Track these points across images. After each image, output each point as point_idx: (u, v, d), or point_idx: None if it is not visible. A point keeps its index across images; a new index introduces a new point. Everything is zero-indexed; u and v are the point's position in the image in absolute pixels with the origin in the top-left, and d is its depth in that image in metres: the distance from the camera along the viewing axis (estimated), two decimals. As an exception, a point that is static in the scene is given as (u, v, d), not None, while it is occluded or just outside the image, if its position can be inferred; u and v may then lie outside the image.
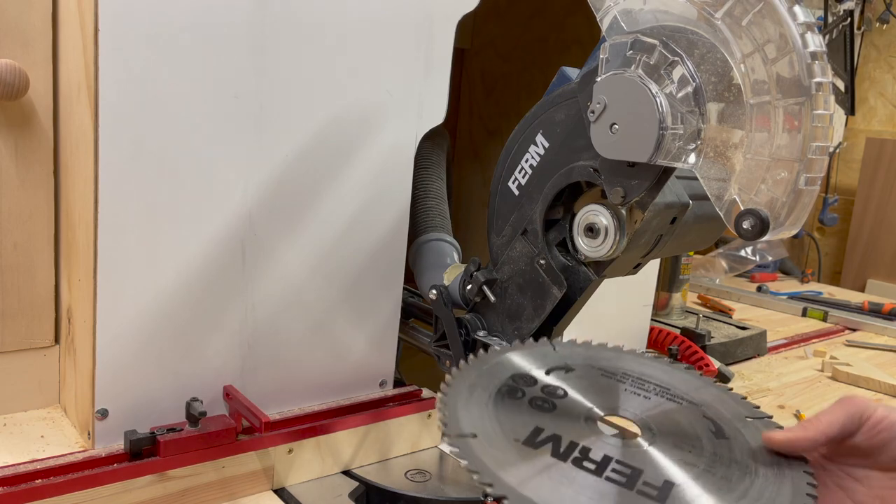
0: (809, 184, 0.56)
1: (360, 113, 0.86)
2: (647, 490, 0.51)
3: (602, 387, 0.63)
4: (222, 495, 0.78)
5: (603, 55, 0.64)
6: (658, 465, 0.54)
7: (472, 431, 0.55)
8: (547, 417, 0.58)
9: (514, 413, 0.59)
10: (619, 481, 0.52)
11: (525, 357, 0.66)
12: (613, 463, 0.54)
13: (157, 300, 0.76)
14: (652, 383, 0.65)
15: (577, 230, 0.72)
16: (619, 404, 0.61)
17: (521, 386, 0.62)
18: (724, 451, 0.56)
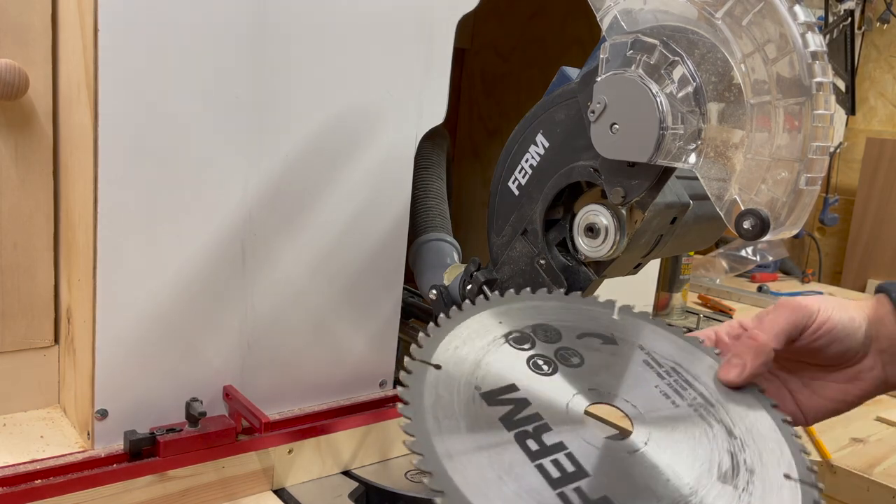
0: (810, 184, 0.56)
1: (360, 113, 0.85)
2: (572, 498, 0.46)
3: (625, 367, 0.58)
4: (222, 495, 0.78)
5: (603, 55, 0.64)
6: (623, 474, 0.49)
7: (438, 363, 0.51)
8: (535, 380, 0.54)
9: (504, 361, 0.54)
10: (549, 476, 0.47)
11: (564, 310, 0.62)
12: (561, 454, 0.49)
13: (156, 300, 0.76)
14: (684, 380, 0.58)
15: (577, 230, 0.72)
16: (630, 393, 0.55)
17: (538, 338, 0.58)
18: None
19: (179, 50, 0.72)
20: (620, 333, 0.61)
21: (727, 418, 0.54)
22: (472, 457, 0.47)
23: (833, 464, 1.02)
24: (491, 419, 0.50)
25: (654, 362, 0.59)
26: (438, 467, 0.45)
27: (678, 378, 0.57)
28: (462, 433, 0.48)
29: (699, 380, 0.57)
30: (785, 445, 0.53)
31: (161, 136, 0.73)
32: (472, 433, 0.48)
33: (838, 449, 1.06)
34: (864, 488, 0.99)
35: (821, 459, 1.03)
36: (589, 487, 0.47)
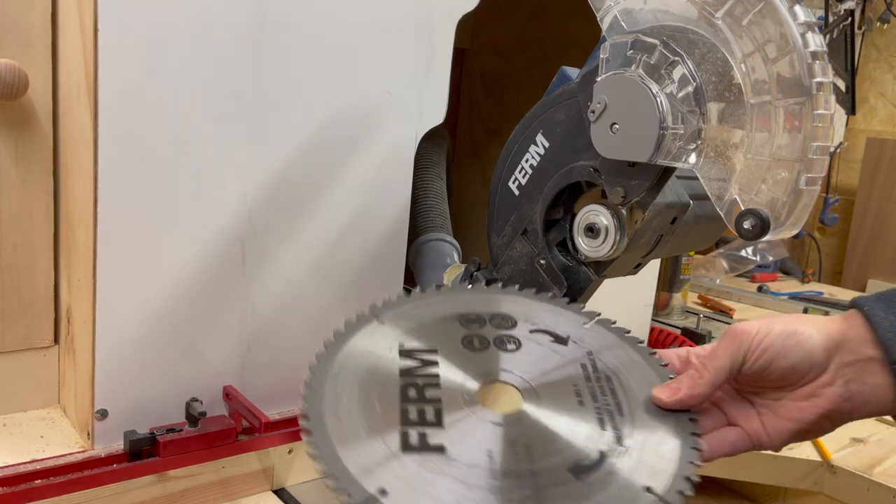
0: (810, 184, 0.56)
1: (360, 113, 0.85)
2: (413, 440, 0.49)
3: (555, 363, 0.59)
4: (222, 496, 0.78)
5: (603, 55, 0.64)
6: (471, 432, 0.51)
7: (384, 319, 0.57)
8: (458, 351, 0.57)
9: (442, 331, 0.58)
10: (407, 417, 0.51)
11: (539, 308, 0.63)
12: (430, 406, 0.52)
13: (156, 300, 0.76)
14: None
15: (577, 230, 0.72)
16: (499, 366, 0.57)
17: (490, 323, 0.60)
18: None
19: (179, 50, 0.72)
20: (578, 338, 0.61)
21: (626, 429, 0.53)
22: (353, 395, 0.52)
23: (833, 464, 1.02)
24: (392, 366, 0.55)
25: (591, 367, 0.58)
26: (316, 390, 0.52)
27: (606, 385, 0.57)
28: (360, 371, 0.54)
29: (629, 392, 0.56)
30: (674, 467, 0.51)
31: (161, 136, 0.73)
32: (369, 374, 0.54)
33: (838, 449, 1.06)
34: (864, 488, 0.99)
35: (821, 460, 1.03)
36: (433, 435, 0.50)
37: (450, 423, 0.51)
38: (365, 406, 0.52)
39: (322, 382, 0.53)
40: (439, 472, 0.48)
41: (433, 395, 0.53)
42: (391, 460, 0.48)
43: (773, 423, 0.55)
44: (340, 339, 0.57)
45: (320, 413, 0.51)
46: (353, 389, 0.53)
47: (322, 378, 0.54)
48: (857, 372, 0.51)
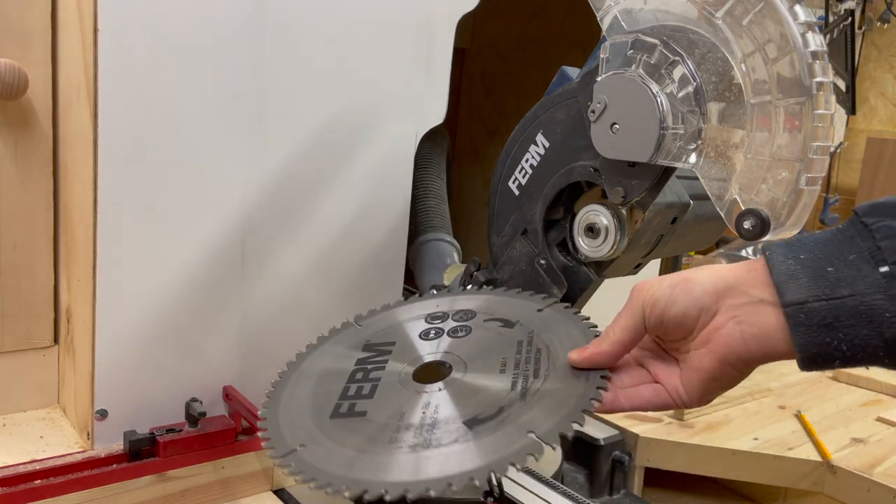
0: (810, 184, 0.56)
1: (360, 113, 0.85)
2: (343, 409, 0.58)
3: (495, 342, 0.63)
4: (222, 496, 0.78)
5: (603, 55, 0.64)
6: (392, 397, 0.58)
7: (361, 323, 0.68)
8: (414, 341, 0.65)
9: (407, 329, 0.66)
10: (346, 392, 0.60)
11: (501, 302, 0.68)
12: (368, 384, 0.60)
13: (156, 300, 0.76)
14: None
15: (577, 230, 0.72)
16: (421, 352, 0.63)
17: (452, 318, 0.66)
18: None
19: (179, 50, 0.72)
20: (527, 321, 0.65)
21: (535, 387, 0.57)
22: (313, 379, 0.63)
23: (833, 464, 1.02)
24: (354, 358, 0.64)
25: (527, 343, 0.62)
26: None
27: (533, 356, 0.60)
28: (322, 360, 0.65)
29: (554, 361, 0.59)
30: (564, 413, 0.54)
31: (161, 136, 0.73)
32: (335, 359, 0.65)
33: (838, 449, 1.06)
34: (864, 488, 0.99)
35: (821, 460, 1.03)
36: (361, 405, 0.58)
37: (379, 395, 0.59)
38: (317, 387, 0.62)
39: (291, 372, 0.64)
40: (353, 430, 0.56)
41: (376, 375, 0.61)
42: (320, 424, 0.57)
43: (686, 376, 0.55)
44: (320, 341, 0.68)
45: (279, 393, 0.62)
46: (312, 377, 0.63)
47: (292, 370, 0.65)
48: (747, 313, 0.50)
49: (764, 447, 1.06)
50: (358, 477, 0.51)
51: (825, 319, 0.46)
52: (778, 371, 1.40)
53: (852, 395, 1.31)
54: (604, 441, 1.03)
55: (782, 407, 1.22)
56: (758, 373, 1.43)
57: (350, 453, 0.53)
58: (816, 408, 1.22)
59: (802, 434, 1.12)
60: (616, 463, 1.02)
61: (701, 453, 1.05)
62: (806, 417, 1.16)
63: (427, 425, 0.55)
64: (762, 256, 0.50)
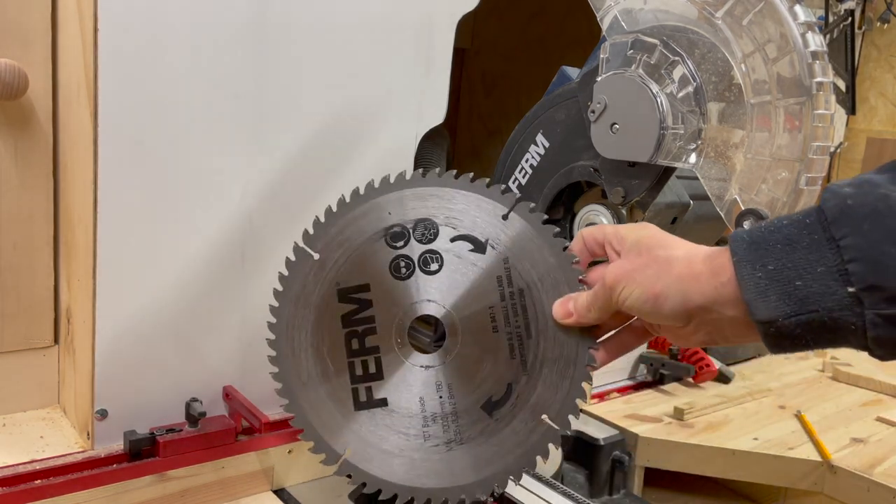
0: (810, 184, 0.56)
1: (360, 113, 0.85)
2: (362, 396, 0.60)
3: (474, 282, 0.62)
4: (222, 496, 0.78)
5: (603, 55, 0.64)
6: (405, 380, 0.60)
7: (317, 252, 0.63)
8: (389, 282, 0.62)
9: (371, 259, 0.63)
10: (353, 373, 0.61)
11: (462, 200, 0.64)
12: (371, 357, 0.61)
13: (156, 300, 0.76)
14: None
15: (577, 230, 0.72)
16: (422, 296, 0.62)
17: (414, 236, 0.63)
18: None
19: (179, 50, 0.72)
20: (496, 240, 0.62)
21: (531, 354, 0.58)
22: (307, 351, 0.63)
23: (833, 464, 1.02)
24: (335, 315, 0.62)
25: (506, 280, 0.61)
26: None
27: (518, 302, 0.60)
28: (309, 325, 0.63)
29: (538, 306, 0.59)
30: (566, 390, 0.57)
31: (161, 136, 0.73)
32: (316, 327, 0.63)
33: (839, 449, 1.06)
34: (864, 488, 0.99)
35: (821, 460, 1.03)
36: (377, 389, 0.60)
37: (388, 373, 0.60)
38: (319, 361, 0.62)
39: (282, 340, 0.63)
40: (384, 425, 0.59)
41: (372, 343, 0.61)
42: (349, 420, 0.59)
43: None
44: (287, 287, 0.64)
45: (289, 380, 0.62)
46: (308, 348, 0.62)
47: (281, 336, 0.63)
48: (718, 328, 0.52)
49: (764, 447, 1.06)
50: (417, 483, 0.57)
51: (795, 331, 0.47)
52: (778, 371, 1.40)
53: (852, 395, 1.31)
54: (604, 441, 1.03)
55: (782, 407, 1.22)
56: (758, 373, 1.43)
57: (398, 460, 0.58)
58: (816, 408, 1.22)
59: (802, 434, 1.12)
60: (616, 463, 1.02)
61: (701, 453, 1.05)
62: (806, 417, 1.16)
63: (450, 415, 0.58)
64: (730, 265, 0.49)
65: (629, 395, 1.21)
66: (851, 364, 1.41)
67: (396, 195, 0.64)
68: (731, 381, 1.28)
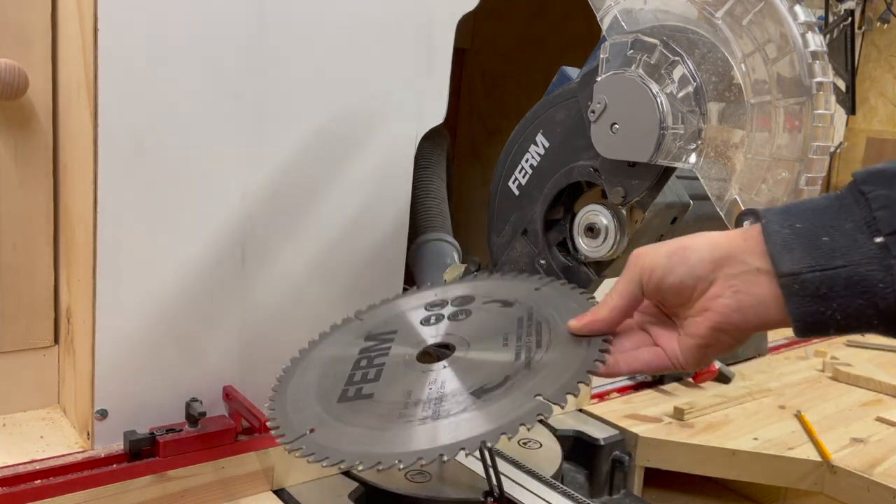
0: (810, 184, 0.56)
1: (360, 113, 0.85)
2: (351, 394, 0.60)
3: (495, 321, 0.64)
4: (222, 496, 0.78)
5: (603, 55, 0.64)
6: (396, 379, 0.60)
7: (362, 317, 0.71)
8: (416, 328, 0.66)
9: (407, 318, 0.68)
10: (351, 378, 0.61)
11: (500, 286, 0.69)
12: (373, 369, 0.61)
13: (156, 300, 0.76)
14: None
15: (577, 230, 0.72)
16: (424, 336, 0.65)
17: (451, 304, 0.68)
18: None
19: (179, 50, 0.72)
20: (524, 299, 0.66)
21: (539, 356, 0.58)
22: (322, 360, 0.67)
23: (833, 464, 1.02)
24: (356, 348, 0.66)
25: (527, 318, 0.63)
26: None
27: (535, 329, 0.61)
28: (326, 352, 0.68)
29: (556, 333, 0.60)
30: (570, 376, 0.55)
31: (161, 135, 0.73)
32: (339, 349, 0.67)
33: (838, 449, 1.06)
34: (864, 488, 0.99)
35: (821, 460, 1.03)
36: (367, 388, 0.60)
37: (385, 378, 0.61)
38: (322, 376, 0.63)
39: (296, 366, 0.66)
40: (361, 411, 0.57)
41: (380, 361, 0.63)
42: (329, 409, 0.59)
43: (683, 341, 0.55)
44: (322, 336, 0.71)
45: (286, 384, 0.64)
46: (317, 368, 0.65)
47: (297, 363, 0.67)
48: (744, 283, 0.50)
49: (764, 447, 1.06)
50: (370, 451, 0.52)
51: (819, 290, 0.46)
52: (778, 371, 1.40)
53: (852, 395, 1.31)
54: (604, 441, 1.03)
55: (782, 407, 1.21)
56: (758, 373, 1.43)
57: (361, 431, 0.55)
58: (816, 408, 1.22)
59: (802, 434, 1.11)
60: (616, 463, 1.02)
61: (701, 453, 1.05)
62: (806, 417, 1.16)
63: (434, 399, 0.56)
64: (758, 223, 0.50)
65: (629, 395, 1.21)
66: (851, 364, 1.41)
67: (445, 287, 0.72)
68: (731, 381, 1.28)
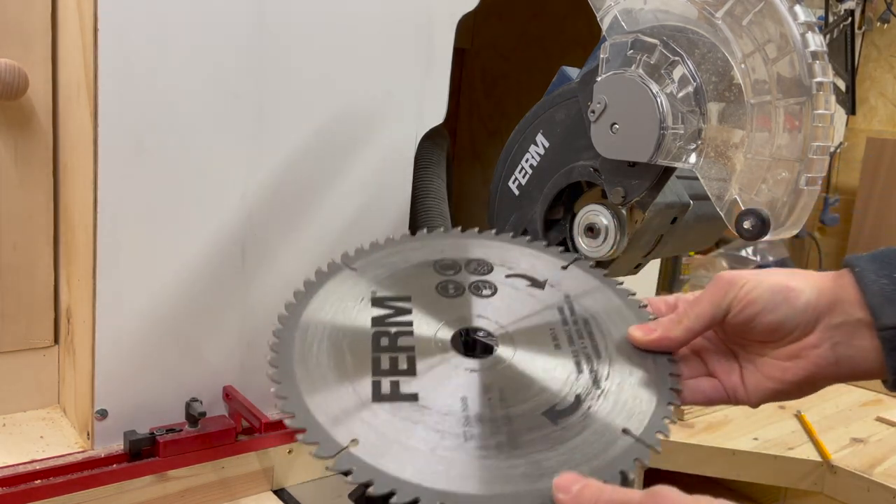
0: (810, 184, 0.56)
1: (360, 113, 0.85)
2: (384, 388, 0.48)
3: (531, 307, 0.57)
4: (222, 496, 0.78)
5: (603, 55, 0.64)
6: (441, 379, 0.50)
7: (356, 266, 0.57)
8: (433, 298, 0.56)
9: (416, 279, 0.57)
10: (378, 367, 0.49)
11: (518, 252, 0.62)
12: (403, 354, 0.51)
13: (156, 300, 0.76)
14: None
15: (577, 230, 0.72)
16: (473, 312, 0.55)
17: (466, 269, 0.59)
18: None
19: (179, 50, 0.72)
20: (556, 281, 0.59)
21: (605, 370, 0.51)
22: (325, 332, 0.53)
23: (833, 464, 1.02)
24: (365, 315, 0.54)
25: (568, 309, 0.56)
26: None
27: (583, 329, 0.55)
28: (327, 316, 0.54)
29: (607, 336, 0.54)
30: (652, 408, 0.49)
31: (161, 136, 0.73)
32: (342, 314, 0.54)
33: (839, 449, 1.06)
34: (864, 488, 0.99)
35: (821, 460, 1.03)
36: (405, 384, 0.49)
37: (423, 371, 0.50)
38: (335, 355, 0.51)
39: (291, 332, 0.53)
40: (411, 419, 0.46)
41: (406, 343, 0.52)
42: (361, 409, 0.47)
43: (754, 380, 0.53)
44: (311, 288, 0.56)
45: (289, 362, 0.50)
46: (324, 340, 0.52)
47: (291, 328, 0.53)
48: (845, 335, 0.48)
49: (764, 447, 1.06)
50: (446, 489, 0.42)
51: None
52: (778, 371, 1.40)
53: (852, 395, 1.31)
54: (604, 441, 1.02)
55: (782, 407, 1.22)
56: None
57: (421, 454, 0.44)
58: (816, 408, 1.22)
59: (802, 434, 1.12)
60: (616, 463, 1.02)
61: (701, 453, 1.05)
62: (806, 417, 1.16)
63: (502, 418, 0.47)
64: (849, 272, 0.48)
65: (629, 395, 1.20)
66: (851, 364, 1.41)
67: (451, 240, 0.62)
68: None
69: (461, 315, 0.55)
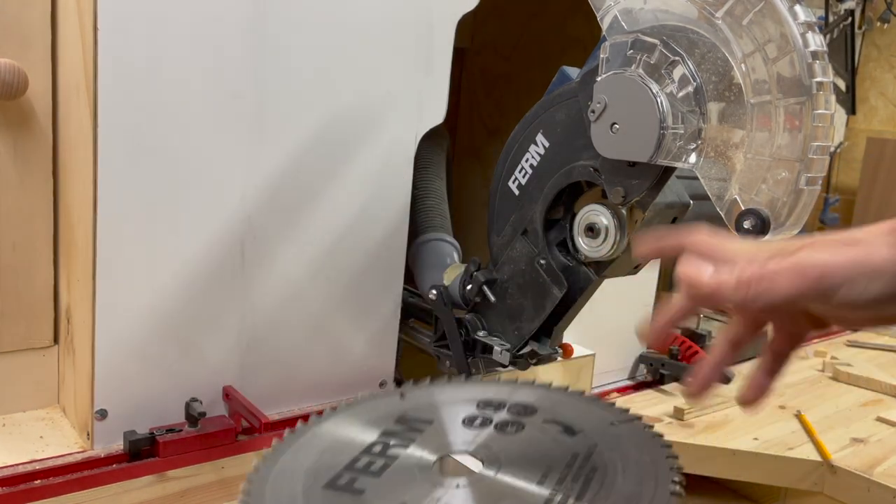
0: (810, 183, 0.56)
1: (360, 113, 0.85)
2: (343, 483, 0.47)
3: (547, 449, 0.52)
4: (222, 496, 0.78)
5: (603, 55, 0.64)
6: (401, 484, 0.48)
7: (405, 392, 0.57)
8: (454, 426, 0.54)
9: (451, 408, 0.55)
10: (353, 464, 0.49)
11: (571, 406, 0.57)
12: (386, 462, 0.50)
13: (156, 300, 0.76)
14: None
15: (577, 230, 0.72)
16: (450, 440, 0.53)
17: (508, 411, 0.56)
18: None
19: (179, 50, 0.72)
20: (592, 432, 0.54)
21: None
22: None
23: (833, 464, 1.02)
24: (385, 422, 0.55)
25: (583, 457, 0.51)
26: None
27: (585, 475, 0.50)
28: (353, 420, 0.55)
29: (608, 487, 0.48)
30: None
31: (160, 136, 0.73)
32: (361, 427, 0.54)
33: (838, 449, 1.06)
34: (864, 488, 0.99)
35: (821, 460, 1.03)
36: (363, 481, 0.48)
37: (387, 476, 0.49)
38: (327, 449, 0.52)
39: (308, 429, 0.54)
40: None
41: (394, 453, 0.51)
42: (308, 493, 0.47)
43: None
44: (353, 403, 0.58)
45: (281, 453, 0.51)
46: (326, 439, 0.53)
47: (311, 426, 0.54)
48: None
49: (764, 447, 1.06)
50: None
51: None
52: (778, 371, 1.39)
53: (852, 395, 1.31)
54: (604, 441, 1.02)
55: (782, 407, 1.21)
56: (758, 373, 1.40)
57: None
58: (816, 408, 1.22)
59: (802, 434, 1.11)
60: (616, 463, 1.02)
61: (701, 453, 1.05)
62: (806, 417, 1.16)
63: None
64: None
65: (629, 395, 1.21)
66: (851, 364, 1.41)
67: (512, 386, 0.59)
68: (731, 381, 1.28)
69: (467, 441, 0.53)
